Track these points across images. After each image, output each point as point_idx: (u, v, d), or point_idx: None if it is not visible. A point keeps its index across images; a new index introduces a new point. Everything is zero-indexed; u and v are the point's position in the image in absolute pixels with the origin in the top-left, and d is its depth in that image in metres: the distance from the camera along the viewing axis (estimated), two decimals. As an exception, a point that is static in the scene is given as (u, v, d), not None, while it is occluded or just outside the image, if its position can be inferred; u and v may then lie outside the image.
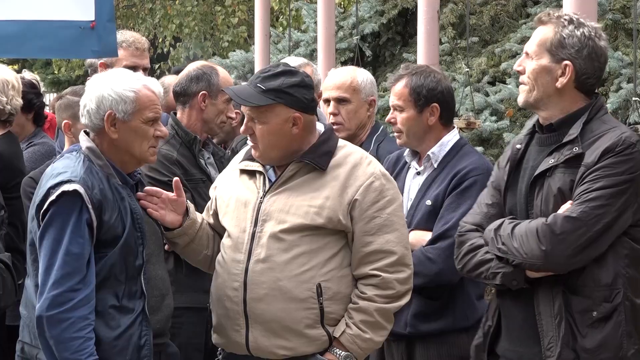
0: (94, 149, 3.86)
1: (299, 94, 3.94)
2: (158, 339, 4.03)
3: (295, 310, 3.88)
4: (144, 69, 5.51)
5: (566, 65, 3.68)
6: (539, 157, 3.76)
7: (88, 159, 3.82)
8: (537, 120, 3.84)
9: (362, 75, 5.20)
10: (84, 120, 3.90)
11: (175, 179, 4.17)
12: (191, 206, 4.20)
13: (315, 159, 3.96)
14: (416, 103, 4.55)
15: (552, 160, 3.69)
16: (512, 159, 3.84)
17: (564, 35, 3.68)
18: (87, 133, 3.92)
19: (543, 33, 3.74)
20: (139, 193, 4.04)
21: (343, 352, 3.92)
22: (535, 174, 3.72)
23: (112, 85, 3.85)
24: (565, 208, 3.62)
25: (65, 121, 4.75)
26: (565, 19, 3.71)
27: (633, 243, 3.64)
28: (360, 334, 3.91)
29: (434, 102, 4.56)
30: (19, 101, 5.44)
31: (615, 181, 3.56)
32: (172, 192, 4.12)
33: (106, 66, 5.27)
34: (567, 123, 3.71)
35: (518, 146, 3.84)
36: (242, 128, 4.02)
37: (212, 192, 4.26)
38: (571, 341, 3.60)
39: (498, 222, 3.76)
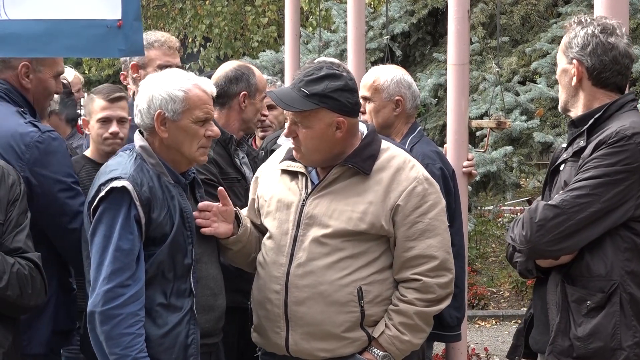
0: (146, 148, 3.89)
1: (342, 98, 3.90)
2: (208, 339, 4.04)
3: (336, 314, 3.89)
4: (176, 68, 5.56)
5: (574, 63, 3.79)
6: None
7: (140, 158, 3.86)
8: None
9: (386, 75, 5.15)
10: (137, 119, 3.94)
11: (220, 188, 4.17)
12: (240, 212, 4.19)
13: (359, 163, 3.95)
14: None
15: (565, 154, 3.81)
16: (554, 157, 3.96)
17: (571, 37, 3.82)
18: (141, 132, 3.96)
19: (562, 40, 3.89)
20: (195, 212, 4.01)
21: (381, 352, 3.94)
22: (551, 168, 3.85)
23: (163, 84, 3.88)
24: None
25: (84, 118, 4.89)
26: (574, 22, 3.84)
27: (637, 238, 3.67)
28: (399, 335, 3.94)
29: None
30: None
31: (604, 172, 3.61)
32: (210, 189, 4.13)
33: (138, 67, 5.32)
34: (586, 120, 3.80)
35: (563, 145, 3.94)
36: (285, 131, 4.01)
37: (254, 184, 4.25)
38: (568, 330, 3.68)
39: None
